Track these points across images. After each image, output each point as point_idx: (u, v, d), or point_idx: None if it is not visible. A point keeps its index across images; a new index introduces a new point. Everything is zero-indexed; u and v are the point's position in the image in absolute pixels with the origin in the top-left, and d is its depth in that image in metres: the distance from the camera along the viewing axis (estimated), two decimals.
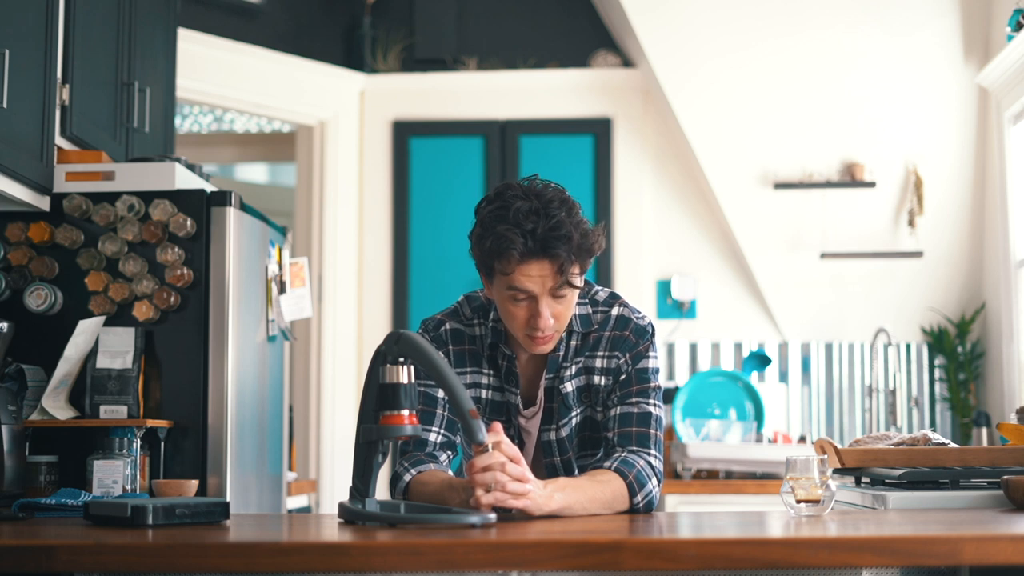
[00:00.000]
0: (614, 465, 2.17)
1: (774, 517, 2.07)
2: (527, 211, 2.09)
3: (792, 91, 4.75)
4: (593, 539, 1.67)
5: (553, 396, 2.29)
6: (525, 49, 5.21)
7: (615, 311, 2.31)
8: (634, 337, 2.29)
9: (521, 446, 2.32)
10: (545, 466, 2.35)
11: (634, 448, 2.22)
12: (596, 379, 2.28)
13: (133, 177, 2.97)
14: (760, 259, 4.90)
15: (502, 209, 2.11)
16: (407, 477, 2.18)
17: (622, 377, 2.28)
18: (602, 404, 2.29)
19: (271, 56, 4.94)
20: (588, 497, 2.08)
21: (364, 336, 5.06)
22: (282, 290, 3.35)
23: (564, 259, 2.10)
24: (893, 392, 4.59)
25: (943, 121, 4.76)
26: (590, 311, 2.31)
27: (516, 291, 2.13)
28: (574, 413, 2.29)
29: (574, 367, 2.29)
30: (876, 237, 4.83)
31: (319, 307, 5.01)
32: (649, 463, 2.20)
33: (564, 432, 2.30)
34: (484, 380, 2.30)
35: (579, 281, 2.16)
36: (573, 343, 2.28)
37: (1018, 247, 4.44)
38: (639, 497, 2.17)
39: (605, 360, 2.28)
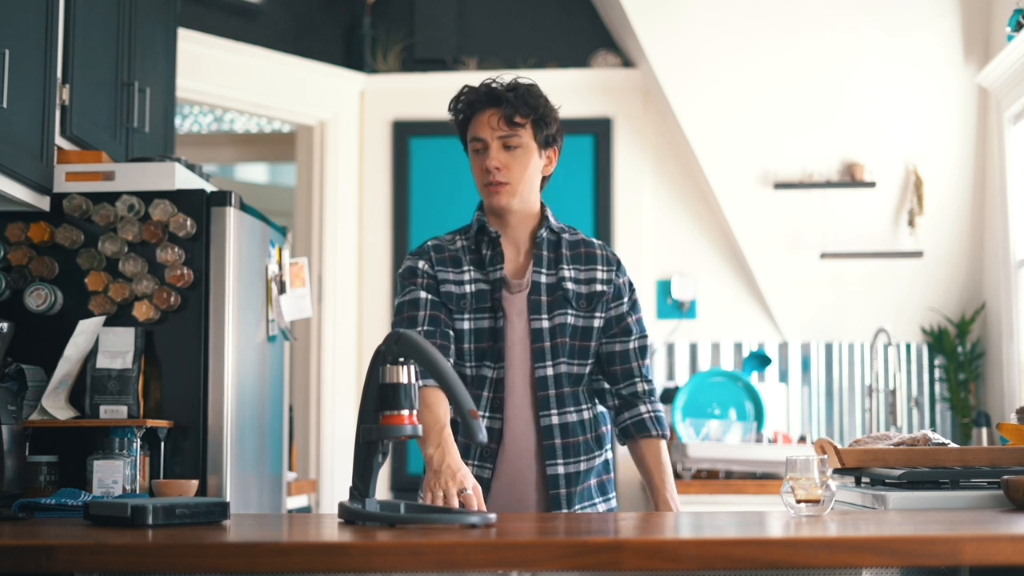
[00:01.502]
0: (655, 431, 2.57)
1: (774, 517, 2.07)
2: (487, 80, 2.57)
3: (792, 91, 4.75)
4: (593, 539, 1.67)
5: (551, 290, 2.53)
6: (525, 49, 5.21)
7: (588, 237, 2.67)
8: (614, 261, 2.63)
9: (499, 332, 2.50)
10: (539, 400, 2.50)
11: (647, 388, 2.60)
12: (599, 287, 2.57)
13: (133, 177, 2.97)
14: (760, 259, 4.90)
15: (464, 87, 2.59)
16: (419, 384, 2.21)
17: (623, 307, 2.60)
18: (585, 312, 2.56)
19: (271, 56, 4.94)
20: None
21: (364, 336, 5.06)
22: (282, 290, 3.35)
23: (508, 107, 2.52)
24: (893, 392, 4.59)
25: (943, 121, 4.76)
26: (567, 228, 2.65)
27: (475, 141, 2.53)
28: (569, 310, 2.53)
29: (568, 271, 2.56)
30: (876, 237, 4.83)
31: (319, 307, 5.01)
32: (657, 400, 2.63)
33: (557, 321, 2.51)
34: (466, 276, 2.54)
35: (527, 138, 2.54)
36: (563, 251, 2.58)
37: (1018, 247, 4.44)
38: (668, 433, 2.61)
39: (587, 272, 2.58)
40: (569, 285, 2.54)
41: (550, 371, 2.50)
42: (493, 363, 2.49)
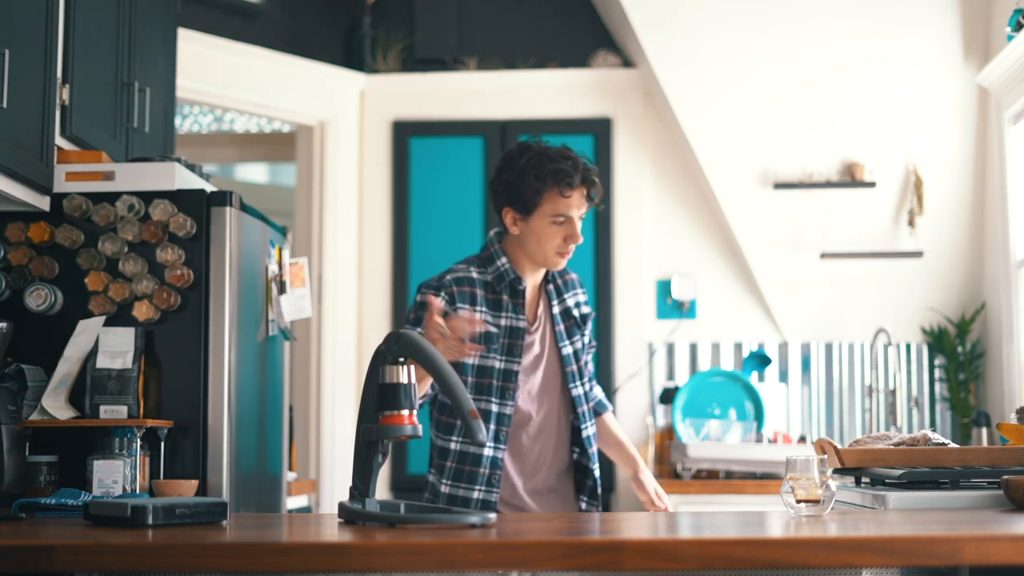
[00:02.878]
0: (609, 411, 3.04)
1: (774, 517, 2.07)
2: (563, 154, 2.72)
3: (792, 91, 4.75)
4: (593, 539, 1.67)
5: (565, 318, 2.86)
6: (525, 49, 5.21)
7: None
8: (579, 283, 2.97)
9: (514, 375, 2.77)
10: (579, 416, 2.86)
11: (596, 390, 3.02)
12: (585, 309, 2.93)
13: (133, 177, 2.97)
14: (760, 259, 4.90)
15: (542, 155, 2.70)
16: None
17: (588, 326, 2.93)
18: (580, 335, 2.91)
19: (271, 56, 4.94)
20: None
21: (364, 336, 5.06)
22: (282, 290, 3.35)
23: (593, 192, 2.74)
24: (893, 392, 4.59)
25: (943, 121, 4.76)
26: None
27: (560, 216, 2.69)
28: (577, 335, 2.87)
29: (569, 300, 2.89)
30: (876, 237, 4.83)
31: (319, 307, 5.01)
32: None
33: (578, 345, 2.87)
34: (489, 317, 2.76)
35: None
36: (559, 281, 2.90)
37: (1018, 247, 4.44)
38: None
39: (573, 297, 2.91)
40: (575, 312, 2.89)
41: (580, 390, 2.86)
42: (500, 399, 2.74)
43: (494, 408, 2.73)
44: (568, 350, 2.85)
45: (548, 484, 2.82)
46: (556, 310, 2.86)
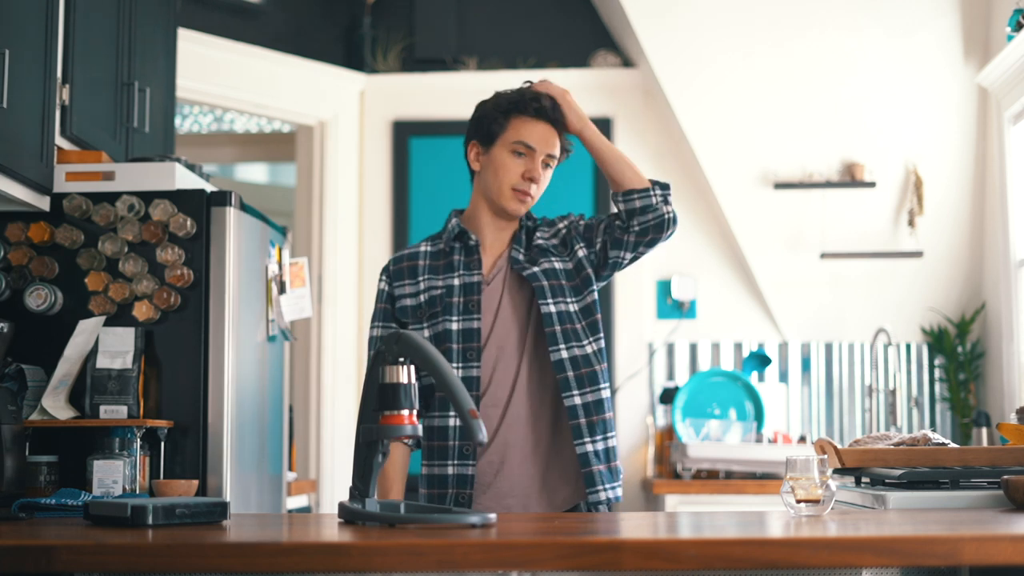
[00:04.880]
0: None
1: (774, 517, 2.07)
2: (533, 93, 2.62)
3: (792, 91, 4.74)
4: (593, 539, 1.67)
5: (549, 276, 2.57)
6: (525, 49, 5.21)
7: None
8: (562, 216, 2.73)
9: (476, 333, 2.55)
10: (559, 383, 2.53)
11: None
12: (561, 232, 2.67)
13: (133, 177, 2.97)
14: (760, 259, 4.90)
15: (515, 92, 2.63)
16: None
17: (588, 221, 2.69)
18: (585, 240, 2.65)
19: (271, 56, 4.94)
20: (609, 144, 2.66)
21: (364, 336, 5.06)
22: (282, 290, 3.35)
23: (561, 132, 2.60)
24: (893, 392, 4.59)
25: (943, 121, 4.76)
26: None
27: (521, 145, 2.57)
28: (553, 259, 2.60)
29: (540, 240, 2.65)
30: (876, 237, 4.83)
31: (319, 307, 5.01)
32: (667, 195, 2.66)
33: (562, 307, 2.56)
34: (421, 285, 2.61)
35: (554, 165, 2.62)
36: (538, 243, 2.66)
37: (1018, 247, 4.44)
38: (658, 188, 2.64)
39: (548, 233, 2.67)
40: (539, 242, 2.64)
41: (565, 353, 2.54)
42: (463, 362, 2.54)
43: (458, 373, 2.51)
44: (551, 309, 2.55)
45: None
46: (515, 254, 2.62)
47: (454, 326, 2.55)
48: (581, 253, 2.63)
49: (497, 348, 2.56)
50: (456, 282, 2.59)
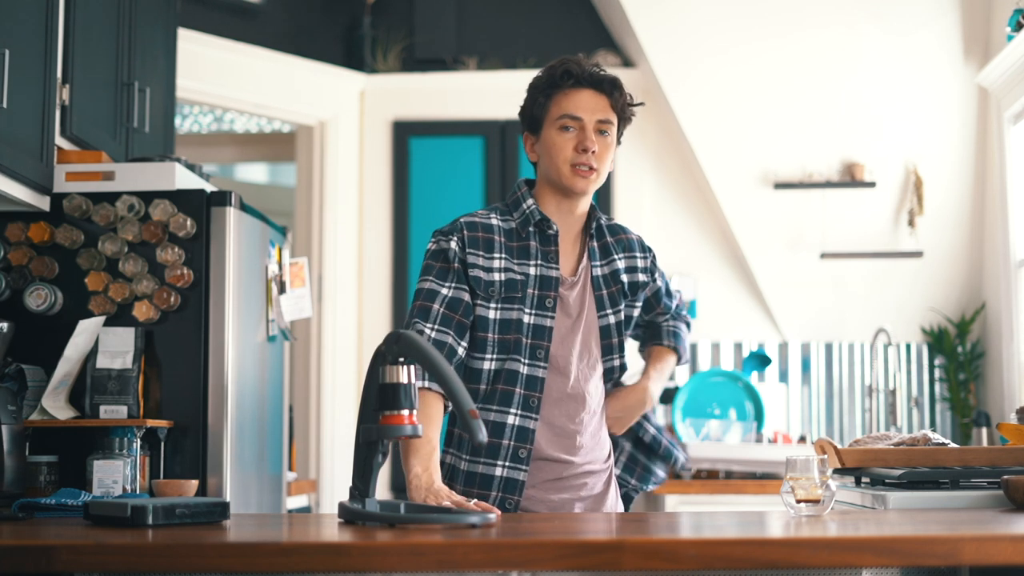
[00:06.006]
0: (667, 342, 2.68)
1: (774, 517, 2.07)
2: (565, 61, 2.45)
3: (792, 91, 4.75)
4: (593, 539, 1.67)
5: (609, 282, 2.51)
6: (525, 49, 5.21)
7: (617, 222, 2.69)
8: (646, 247, 2.67)
9: (548, 331, 2.42)
10: (606, 371, 2.50)
11: (670, 306, 2.70)
12: (640, 277, 2.58)
13: (133, 177, 2.97)
14: (760, 259, 4.90)
15: (546, 69, 2.46)
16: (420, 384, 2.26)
17: (659, 285, 2.64)
18: (629, 303, 2.55)
19: (271, 56, 4.94)
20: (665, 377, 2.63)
21: (364, 336, 5.06)
22: (282, 290, 3.35)
23: (611, 97, 2.44)
24: (893, 392, 4.59)
25: (943, 121, 4.76)
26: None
27: (567, 118, 2.40)
28: (622, 304, 2.51)
29: (619, 263, 2.55)
30: (876, 237, 4.83)
31: (319, 307, 5.01)
32: (681, 318, 2.71)
33: (623, 316, 2.51)
34: (496, 263, 2.41)
35: (614, 131, 2.45)
36: (607, 239, 2.58)
37: (1018, 247, 4.44)
38: (682, 350, 2.67)
39: (626, 260, 2.57)
40: (624, 277, 2.53)
41: (616, 362, 2.52)
42: (529, 359, 2.39)
43: (522, 370, 2.37)
44: (610, 320, 2.48)
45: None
46: (598, 272, 2.50)
47: (526, 319, 2.40)
48: (636, 312, 2.59)
49: (587, 353, 2.47)
50: (532, 271, 2.43)
